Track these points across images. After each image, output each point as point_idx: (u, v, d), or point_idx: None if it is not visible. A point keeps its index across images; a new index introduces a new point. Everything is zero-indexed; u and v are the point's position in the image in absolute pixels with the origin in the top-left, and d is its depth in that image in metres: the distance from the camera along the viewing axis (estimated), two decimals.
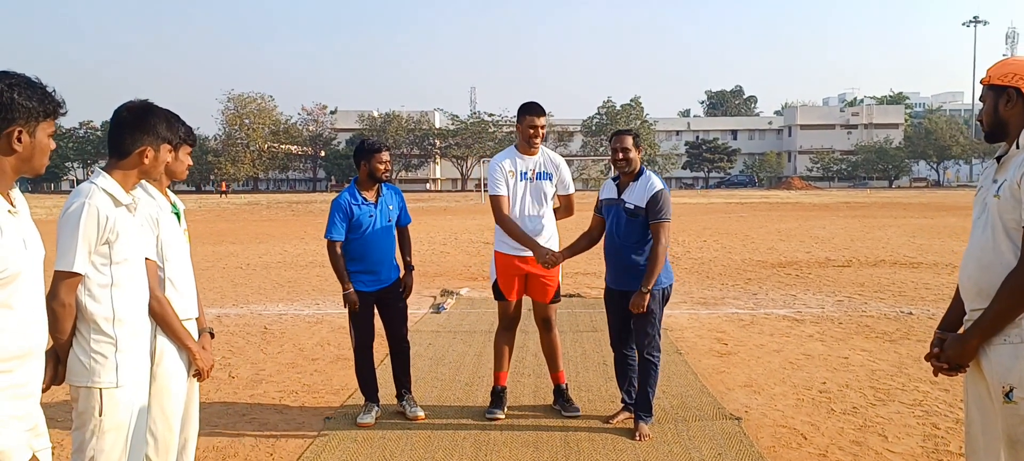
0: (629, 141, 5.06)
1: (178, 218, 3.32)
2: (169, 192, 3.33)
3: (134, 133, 2.81)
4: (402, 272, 5.45)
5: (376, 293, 5.28)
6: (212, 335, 3.50)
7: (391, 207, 5.31)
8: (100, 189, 2.70)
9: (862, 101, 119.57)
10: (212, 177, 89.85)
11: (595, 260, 14.81)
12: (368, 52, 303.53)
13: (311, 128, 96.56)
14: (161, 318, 3.07)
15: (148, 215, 3.12)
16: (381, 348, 6.12)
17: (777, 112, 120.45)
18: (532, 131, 5.26)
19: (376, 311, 5.37)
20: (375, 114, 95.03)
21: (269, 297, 10.80)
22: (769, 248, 17.57)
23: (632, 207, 4.96)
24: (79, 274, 2.61)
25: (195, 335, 3.33)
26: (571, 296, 10.54)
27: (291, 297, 10.79)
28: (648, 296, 4.84)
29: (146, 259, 2.99)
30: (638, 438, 4.85)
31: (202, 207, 45.19)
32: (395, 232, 5.39)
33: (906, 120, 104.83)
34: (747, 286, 11.60)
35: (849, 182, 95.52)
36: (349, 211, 5.18)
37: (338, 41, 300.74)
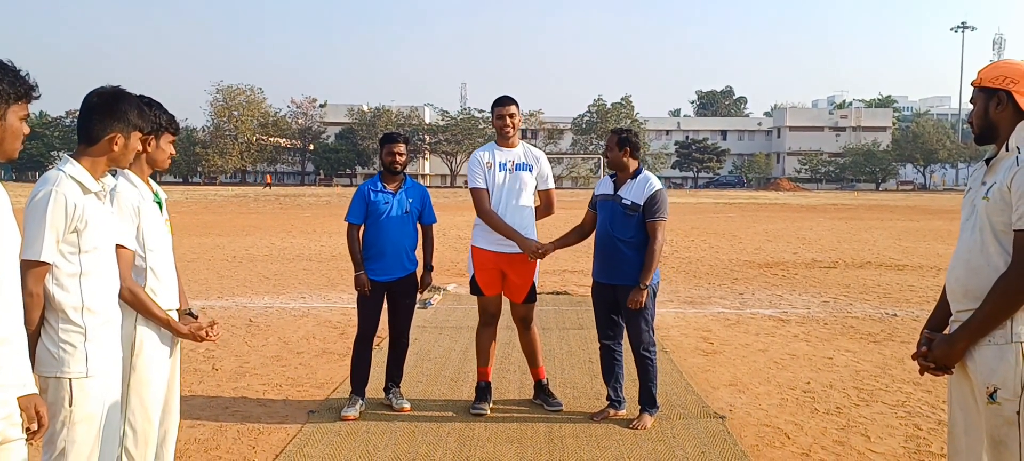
0: (614, 141, 5.18)
1: (160, 207, 3.27)
2: (151, 181, 3.29)
3: (103, 119, 2.74)
4: (420, 269, 5.47)
5: (386, 284, 5.32)
6: (194, 316, 3.45)
7: (409, 200, 5.37)
8: (68, 176, 2.64)
9: (851, 104, 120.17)
10: (199, 168, 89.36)
11: (583, 258, 14.79)
12: (359, 46, 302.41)
13: (300, 121, 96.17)
14: (136, 305, 3.03)
15: (129, 204, 3.07)
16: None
17: (767, 113, 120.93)
18: (500, 122, 5.31)
19: (386, 305, 5.43)
20: (365, 108, 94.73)
21: (255, 290, 10.74)
22: (756, 248, 17.63)
23: (630, 203, 5.03)
24: (47, 263, 2.56)
25: None
26: (558, 293, 10.50)
27: (277, 290, 10.73)
28: (645, 292, 4.91)
29: (122, 247, 2.95)
30: (637, 427, 4.95)
31: (189, 198, 44.91)
32: (415, 228, 5.44)
33: (894, 124, 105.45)
34: (734, 286, 11.63)
35: (837, 184, 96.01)
36: (367, 197, 5.32)
37: (329, 34, 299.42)
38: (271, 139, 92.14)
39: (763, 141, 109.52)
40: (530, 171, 5.36)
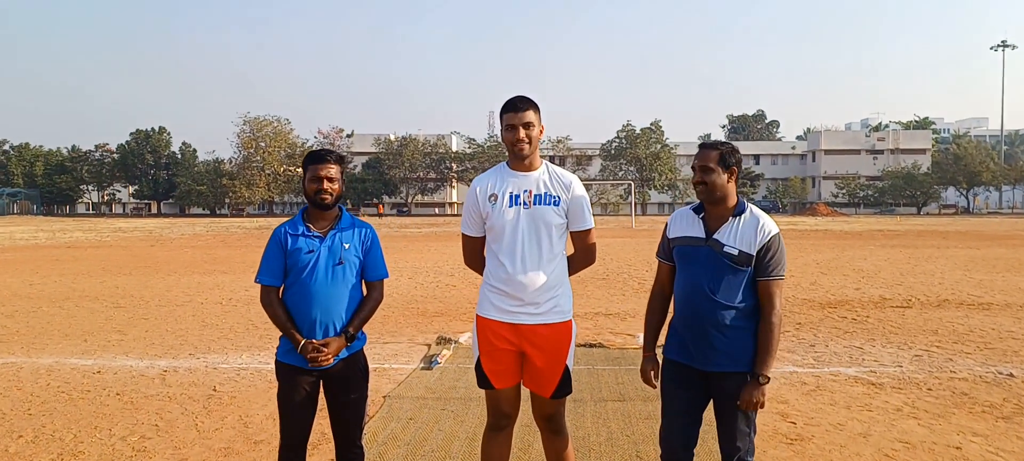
0: (713, 158, 3.47)
1: None
2: None
3: None
4: (352, 337, 3.68)
5: (318, 373, 3.68)
6: None
7: (346, 246, 3.67)
8: None
9: (887, 126, 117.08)
10: (227, 200, 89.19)
11: (618, 297, 13.05)
12: (385, 75, 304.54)
13: None
14: None
15: None
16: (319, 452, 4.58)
17: (800, 137, 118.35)
18: (511, 134, 3.59)
19: (323, 398, 3.79)
20: (392, 137, 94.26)
21: (236, 343, 9.19)
22: (812, 283, 15.77)
23: (738, 252, 3.38)
24: None
25: None
26: (591, 346, 8.76)
27: (263, 343, 9.17)
28: (764, 389, 3.32)
29: None
30: None
31: (210, 230, 44.01)
32: (358, 284, 3.74)
33: (933, 146, 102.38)
34: (799, 333, 9.84)
35: (876, 208, 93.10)
36: (285, 244, 3.65)
37: (355, 64, 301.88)
38: (298, 170, 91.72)
39: (797, 165, 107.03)
40: (556, 205, 3.59)
